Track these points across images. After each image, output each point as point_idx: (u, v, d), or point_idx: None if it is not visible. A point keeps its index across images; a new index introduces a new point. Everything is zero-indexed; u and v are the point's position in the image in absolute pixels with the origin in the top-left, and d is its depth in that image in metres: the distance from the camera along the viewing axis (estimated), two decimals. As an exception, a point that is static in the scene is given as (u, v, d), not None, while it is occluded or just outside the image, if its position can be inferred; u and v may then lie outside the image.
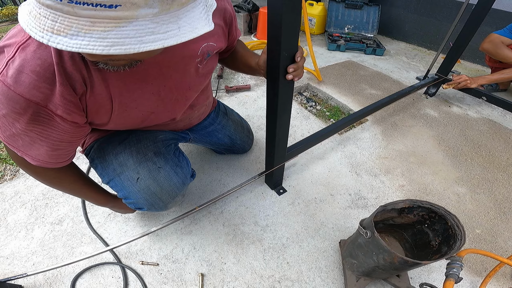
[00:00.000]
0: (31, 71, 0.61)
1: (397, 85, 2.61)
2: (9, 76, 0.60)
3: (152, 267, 1.20)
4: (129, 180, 1.02)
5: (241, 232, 1.33)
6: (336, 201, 1.48)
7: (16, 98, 0.62)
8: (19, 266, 1.20)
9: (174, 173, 1.08)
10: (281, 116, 1.08)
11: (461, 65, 3.15)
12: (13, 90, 0.61)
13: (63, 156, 0.85)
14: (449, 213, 0.89)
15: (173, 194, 1.08)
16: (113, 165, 1.03)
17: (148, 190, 1.02)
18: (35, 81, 0.62)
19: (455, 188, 1.58)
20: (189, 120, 1.25)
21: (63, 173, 0.94)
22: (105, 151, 1.05)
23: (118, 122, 0.89)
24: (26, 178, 1.57)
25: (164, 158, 1.08)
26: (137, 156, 1.03)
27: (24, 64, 0.61)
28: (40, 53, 0.62)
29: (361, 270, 1.03)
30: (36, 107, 0.64)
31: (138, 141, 1.07)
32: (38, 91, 0.63)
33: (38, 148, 0.75)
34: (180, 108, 1.06)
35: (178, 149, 1.21)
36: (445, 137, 1.95)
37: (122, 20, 0.43)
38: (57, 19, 0.43)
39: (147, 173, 1.02)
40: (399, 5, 3.59)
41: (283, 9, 0.72)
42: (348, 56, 3.17)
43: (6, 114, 0.65)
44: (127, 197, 1.05)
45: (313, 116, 2.15)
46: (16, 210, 1.41)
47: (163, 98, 0.92)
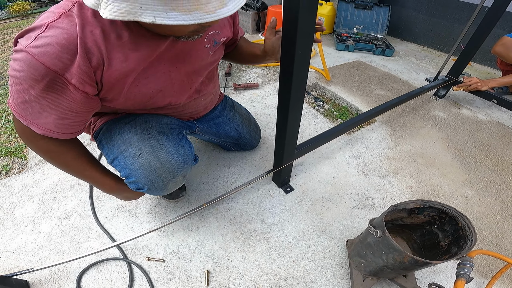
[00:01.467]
0: (56, 43, 0.68)
1: (406, 86, 2.59)
2: (35, 46, 0.68)
3: (158, 263, 1.20)
4: (131, 156, 1.03)
5: (247, 229, 1.33)
6: (343, 201, 1.47)
7: (37, 65, 0.68)
8: (25, 261, 1.20)
9: (176, 151, 1.08)
10: (292, 113, 1.07)
11: (471, 67, 3.12)
12: (37, 58, 0.68)
13: (69, 127, 0.86)
14: (460, 214, 0.88)
15: (173, 173, 1.08)
16: (118, 143, 1.05)
17: (148, 166, 1.03)
18: (59, 51, 0.69)
19: (463, 190, 1.56)
20: (196, 108, 1.25)
21: (65, 147, 0.94)
22: (112, 131, 1.07)
23: (127, 97, 0.91)
24: (35, 172, 1.58)
25: (167, 136, 1.10)
26: (142, 134, 1.05)
27: (52, 37, 0.68)
28: (67, 29, 0.70)
29: (368, 269, 1.03)
30: (54, 75, 0.71)
31: (144, 122, 1.09)
32: (60, 60, 0.70)
33: (46, 116, 0.80)
34: (185, 90, 1.09)
35: (182, 134, 1.21)
36: (454, 139, 1.93)
37: None
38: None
39: (149, 149, 1.03)
40: (409, 6, 3.56)
41: (300, 8, 0.73)
42: (356, 56, 3.15)
43: (23, 81, 0.72)
44: (129, 176, 1.05)
45: (321, 116, 2.15)
46: (24, 204, 1.42)
47: (172, 78, 0.98)
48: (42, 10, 6.24)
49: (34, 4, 6.42)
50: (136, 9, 0.58)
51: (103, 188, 1.15)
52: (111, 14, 0.59)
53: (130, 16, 0.59)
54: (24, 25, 4.74)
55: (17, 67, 0.70)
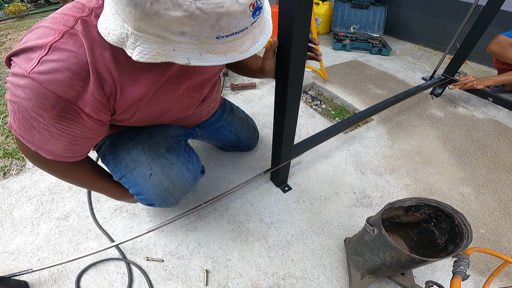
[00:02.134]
0: (66, 69, 0.62)
1: (403, 85, 2.60)
2: (42, 72, 0.61)
3: (157, 263, 1.20)
4: (142, 176, 1.02)
5: (246, 229, 1.33)
6: (341, 199, 1.48)
7: (47, 94, 0.62)
8: (24, 261, 1.20)
9: (186, 169, 1.09)
10: (289, 112, 1.07)
11: (467, 66, 3.13)
12: (45, 86, 0.61)
13: (80, 151, 0.85)
14: (456, 211, 0.89)
15: (185, 190, 1.09)
16: (125, 161, 1.03)
17: (161, 186, 1.03)
18: (70, 78, 0.63)
19: (460, 188, 1.57)
20: (199, 115, 1.26)
21: (76, 167, 0.95)
22: (117, 148, 1.05)
23: (138, 117, 0.90)
24: (33, 173, 1.58)
25: (176, 154, 1.09)
26: (150, 152, 1.04)
27: (60, 62, 0.62)
28: (75, 52, 0.63)
29: (366, 267, 1.03)
30: (66, 103, 0.66)
31: (149, 137, 1.08)
32: (72, 88, 0.64)
33: (55, 143, 0.75)
34: (194, 104, 1.09)
35: (188, 145, 1.21)
36: (450, 138, 1.94)
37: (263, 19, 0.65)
38: (246, 41, 0.61)
39: (160, 169, 1.03)
40: (406, 5, 3.58)
41: (295, 7, 0.73)
42: (353, 56, 3.16)
43: (31, 109, 0.65)
44: (140, 193, 1.06)
45: (318, 115, 2.15)
46: (22, 205, 1.42)
47: (180, 95, 0.96)
48: (38, 12, 6.23)
49: (30, 5, 6.42)
50: (168, 51, 0.56)
51: (113, 196, 1.16)
52: (143, 57, 0.56)
53: (162, 58, 0.57)
54: (20, 26, 4.72)
55: (22, 95, 0.63)
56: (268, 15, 0.69)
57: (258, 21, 0.60)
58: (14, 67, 0.64)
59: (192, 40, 0.54)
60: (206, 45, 0.56)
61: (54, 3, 7.19)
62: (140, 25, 0.52)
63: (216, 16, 0.50)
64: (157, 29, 0.52)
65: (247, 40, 0.61)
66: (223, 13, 0.50)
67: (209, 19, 0.50)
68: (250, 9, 0.54)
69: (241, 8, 0.51)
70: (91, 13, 0.65)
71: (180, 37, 0.53)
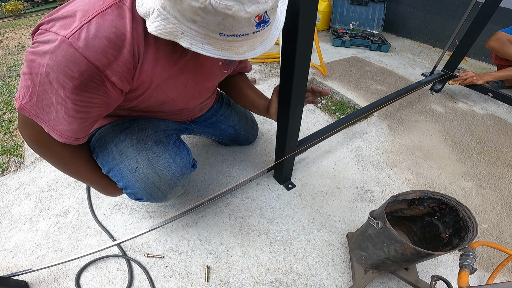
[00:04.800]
0: (104, 37, 0.65)
1: (403, 81, 2.59)
2: (81, 39, 0.63)
3: (158, 260, 1.19)
4: (128, 169, 1.01)
5: (247, 224, 1.32)
6: (342, 194, 1.47)
7: (79, 60, 0.64)
8: (23, 259, 1.19)
9: (173, 162, 1.07)
10: (294, 108, 1.06)
11: (466, 62, 3.13)
12: (81, 52, 0.63)
13: (89, 127, 0.85)
14: (460, 204, 0.88)
15: (172, 184, 1.08)
16: (113, 154, 1.02)
17: (146, 179, 1.02)
18: (106, 46, 0.65)
19: (462, 183, 1.57)
20: (192, 111, 1.25)
21: (79, 151, 0.96)
22: (106, 140, 1.04)
23: (143, 100, 0.91)
24: (31, 170, 1.57)
25: (164, 147, 1.07)
26: (137, 145, 1.03)
27: (100, 29, 0.64)
28: (117, 22, 0.66)
29: (370, 262, 1.02)
30: (94, 71, 0.67)
31: (139, 130, 1.06)
32: (104, 55, 0.66)
33: (70, 122, 0.76)
34: (194, 101, 1.13)
35: (179, 139, 1.19)
36: (451, 132, 1.94)
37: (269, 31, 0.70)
38: (244, 44, 0.66)
39: (146, 162, 1.01)
40: (405, 2, 3.57)
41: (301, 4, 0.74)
42: (353, 52, 3.16)
43: (55, 79, 0.66)
44: (127, 187, 1.05)
45: (319, 110, 2.14)
46: (21, 202, 1.41)
47: (186, 90, 0.99)
48: (35, 10, 6.20)
49: (27, 4, 6.38)
50: (178, 32, 0.61)
51: (106, 191, 1.15)
52: (156, 31, 0.62)
53: (170, 36, 0.62)
54: (18, 25, 4.68)
55: (49, 62, 0.64)
56: (277, 30, 0.73)
57: (261, 32, 0.65)
58: (46, 35, 0.65)
59: (200, 29, 0.60)
60: (209, 38, 0.62)
61: (51, 2, 7.16)
62: (166, 4, 0.58)
63: (223, 15, 0.56)
64: (176, 12, 0.58)
65: (245, 45, 0.66)
66: (229, 15, 0.56)
67: (217, 16, 0.56)
68: (255, 20, 0.59)
69: (246, 16, 0.57)
70: None
71: (191, 24, 0.59)
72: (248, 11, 0.56)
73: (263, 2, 0.57)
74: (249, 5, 0.56)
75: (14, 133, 1.93)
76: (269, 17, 0.62)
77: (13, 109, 2.19)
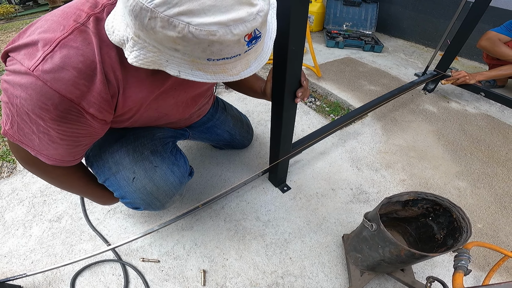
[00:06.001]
0: (72, 68, 0.60)
1: (396, 81, 2.61)
2: (46, 71, 0.58)
3: (153, 264, 1.18)
4: (125, 179, 1.00)
5: (242, 227, 1.32)
6: (337, 196, 1.47)
7: (50, 94, 0.60)
8: (18, 264, 1.18)
9: (171, 172, 1.06)
10: (287, 110, 1.06)
11: (458, 62, 3.15)
12: (49, 85, 0.59)
13: (80, 153, 0.83)
14: (454, 205, 0.89)
15: (170, 194, 1.07)
16: (108, 164, 1.01)
17: (144, 190, 1.01)
18: (75, 77, 0.61)
19: (456, 183, 1.58)
20: (190, 118, 1.25)
21: (72, 171, 0.94)
22: (101, 149, 1.02)
23: (135, 120, 0.89)
24: (24, 175, 1.55)
25: (160, 156, 1.06)
26: (134, 155, 1.01)
27: (66, 60, 0.59)
28: (83, 50, 0.61)
29: (365, 264, 1.02)
30: (69, 104, 0.63)
31: (135, 139, 1.05)
32: (76, 87, 0.62)
33: (56, 147, 0.73)
34: (189, 110, 1.10)
35: (175, 147, 1.19)
36: (444, 132, 1.95)
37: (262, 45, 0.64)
38: (237, 66, 0.61)
39: (143, 173, 1.01)
40: (397, 3, 3.59)
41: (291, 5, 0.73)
42: (346, 53, 3.17)
43: (31, 111, 0.63)
44: (124, 197, 1.04)
45: (313, 112, 2.15)
46: (14, 207, 1.39)
47: (178, 102, 0.97)
48: (26, 13, 6.14)
49: (19, 7, 6.33)
50: (161, 61, 0.56)
51: (101, 201, 1.15)
52: (137, 62, 0.56)
53: (155, 65, 0.57)
54: (9, 28, 4.64)
55: (22, 95, 0.60)
56: (270, 40, 0.68)
57: (254, 48, 0.60)
58: (13, 64, 0.61)
59: (185, 57, 0.55)
60: (197, 64, 0.56)
61: (42, 5, 7.11)
62: (139, 34, 0.53)
63: (208, 42, 0.50)
64: (153, 42, 0.53)
65: (239, 65, 0.61)
66: (215, 41, 0.50)
67: (201, 44, 0.51)
68: (245, 39, 0.54)
69: (235, 39, 0.52)
70: (103, 10, 0.63)
71: (173, 52, 0.54)
72: (235, 33, 0.51)
73: (251, 20, 0.51)
74: (235, 27, 0.50)
75: (5, 139, 1.90)
76: (260, 32, 0.56)
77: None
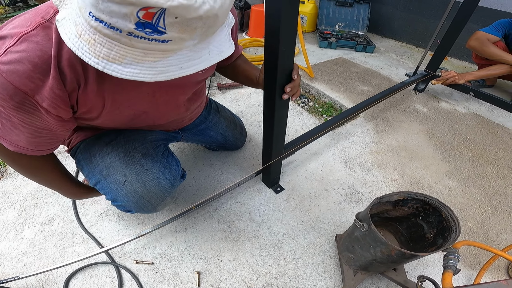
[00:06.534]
0: (28, 62, 0.61)
1: (387, 81, 2.63)
2: (4, 62, 0.60)
3: (147, 266, 1.18)
4: (116, 183, 1.00)
5: (236, 228, 1.32)
6: (330, 196, 1.48)
7: (5, 85, 0.61)
8: (10, 267, 1.17)
9: (162, 175, 1.06)
10: (279, 110, 1.07)
11: (448, 62, 3.19)
12: (4, 77, 0.60)
13: (44, 144, 0.82)
14: (443, 204, 0.90)
15: (162, 197, 1.07)
16: (99, 167, 1.01)
17: (135, 193, 1.01)
18: (30, 71, 0.61)
19: (446, 182, 1.60)
20: (181, 121, 1.24)
21: (40, 162, 0.91)
22: (91, 152, 1.02)
23: (108, 118, 0.88)
24: (14, 178, 1.54)
25: (152, 159, 1.06)
26: (124, 158, 1.01)
27: (23, 54, 0.60)
28: (42, 45, 0.62)
29: (358, 264, 1.04)
30: (23, 96, 0.64)
31: (126, 142, 1.05)
32: (30, 80, 0.62)
33: (18, 133, 0.74)
34: (171, 109, 1.06)
35: (167, 150, 1.19)
36: (434, 132, 1.97)
37: (169, 52, 0.52)
38: (113, 48, 0.50)
39: (134, 176, 1.00)
40: (388, 3, 3.63)
41: (282, 6, 0.73)
42: (339, 53, 3.19)
43: None
44: (115, 200, 1.04)
45: (306, 112, 2.16)
46: (5, 210, 1.38)
47: (157, 99, 0.93)
48: (16, 14, 6.07)
49: (9, 8, 6.24)
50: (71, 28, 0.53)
51: (74, 197, 1.14)
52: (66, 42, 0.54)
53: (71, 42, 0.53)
54: (-2, 28, 4.59)
55: None
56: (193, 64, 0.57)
57: (148, 45, 0.50)
58: None
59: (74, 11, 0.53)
60: (80, 26, 0.52)
61: (32, 5, 7.03)
62: None
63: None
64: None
65: (121, 50, 0.51)
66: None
67: None
68: (137, 15, 0.45)
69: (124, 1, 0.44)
70: None
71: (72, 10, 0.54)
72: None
73: None
74: None
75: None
76: (164, 28, 0.47)
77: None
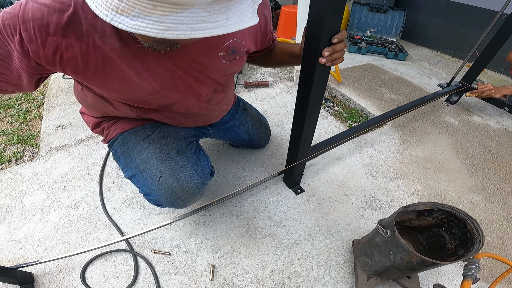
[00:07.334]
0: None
1: (418, 91, 2.57)
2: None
3: (164, 256, 1.21)
4: (151, 178, 1.03)
5: (254, 226, 1.33)
6: (350, 202, 1.47)
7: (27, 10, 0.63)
8: (31, 250, 1.21)
9: (195, 173, 1.09)
10: (310, 114, 1.06)
11: (485, 74, 3.08)
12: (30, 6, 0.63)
13: None
14: (469, 217, 0.88)
15: (193, 194, 1.09)
16: (136, 161, 1.05)
17: (169, 189, 1.04)
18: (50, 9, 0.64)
19: (470, 196, 1.55)
20: (210, 117, 1.25)
21: None
22: (128, 146, 1.07)
23: (127, 86, 0.85)
24: (46, 160, 1.61)
25: (186, 157, 1.09)
26: (161, 154, 1.05)
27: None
28: None
29: (374, 269, 1.02)
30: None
31: (162, 138, 1.09)
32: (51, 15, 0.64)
33: None
34: (190, 97, 1.02)
35: (199, 147, 1.22)
36: (463, 146, 1.91)
37: (180, 6, 0.47)
38: (123, 0, 0.47)
39: (170, 173, 1.03)
40: (425, 11, 3.54)
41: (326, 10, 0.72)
42: (368, 59, 3.14)
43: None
44: (149, 194, 1.07)
45: (331, 117, 2.15)
46: (33, 192, 1.44)
47: (175, 79, 0.90)
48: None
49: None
50: None
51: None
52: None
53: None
54: None
55: None
56: None
57: None
58: None
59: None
60: None
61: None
62: None
63: None
64: None
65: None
66: None
67: None
68: None
69: None
70: None
71: None
72: None
73: None
74: None
75: (30, 123, 1.98)
76: None
77: (31, 99, 2.24)
